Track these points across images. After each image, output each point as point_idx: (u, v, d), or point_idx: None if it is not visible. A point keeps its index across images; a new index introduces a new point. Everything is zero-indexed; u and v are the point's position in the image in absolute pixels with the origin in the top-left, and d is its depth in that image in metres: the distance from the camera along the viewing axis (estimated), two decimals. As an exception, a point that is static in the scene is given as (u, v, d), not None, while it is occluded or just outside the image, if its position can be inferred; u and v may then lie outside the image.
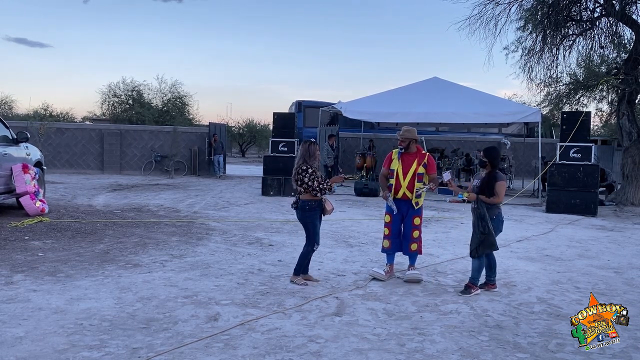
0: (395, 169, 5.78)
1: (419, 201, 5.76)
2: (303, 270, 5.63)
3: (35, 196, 9.23)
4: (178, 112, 29.44)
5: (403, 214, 5.78)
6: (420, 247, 5.87)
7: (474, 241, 5.29)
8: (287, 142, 13.72)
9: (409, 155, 5.78)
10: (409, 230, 5.78)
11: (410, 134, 5.77)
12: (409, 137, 5.76)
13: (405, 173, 5.71)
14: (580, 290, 5.59)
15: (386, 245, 5.88)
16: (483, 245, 5.22)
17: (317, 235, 5.54)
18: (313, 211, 5.49)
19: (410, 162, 5.74)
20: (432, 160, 5.84)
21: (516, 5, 14.24)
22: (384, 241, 5.91)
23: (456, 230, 9.08)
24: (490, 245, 5.24)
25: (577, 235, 8.94)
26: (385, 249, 5.90)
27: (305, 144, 5.56)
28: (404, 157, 5.80)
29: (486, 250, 5.26)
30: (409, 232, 5.79)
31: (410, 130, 5.82)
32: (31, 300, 4.69)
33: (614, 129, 19.88)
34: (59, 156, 19.24)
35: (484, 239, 5.20)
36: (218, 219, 9.48)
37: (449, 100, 14.17)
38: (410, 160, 5.74)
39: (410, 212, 5.76)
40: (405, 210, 5.78)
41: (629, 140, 13.52)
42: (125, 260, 6.26)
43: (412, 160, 5.74)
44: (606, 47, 15.02)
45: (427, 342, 4.05)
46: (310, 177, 5.41)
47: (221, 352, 3.73)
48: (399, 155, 5.83)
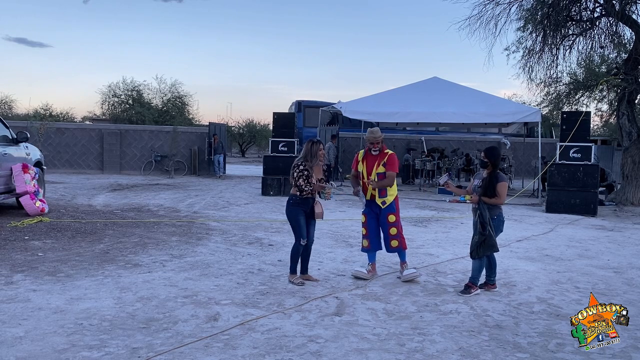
0: (361, 171, 5.89)
1: (386, 200, 5.76)
2: (302, 269, 5.64)
3: (35, 196, 9.23)
4: (178, 112, 29.46)
5: (376, 213, 5.82)
6: (403, 242, 5.85)
7: (474, 242, 5.29)
8: (287, 142, 13.71)
9: (372, 156, 5.84)
10: (385, 228, 5.81)
11: (379, 134, 5.85)
12: (380, 138, 5.83)
13: (369, 174, 5.78)
14: (580, 290, 5.59)
15: (365, 244, 5.93)
16: (484, 246, 5.22)
17: (301, 229, 5.51)
18: (296, 206, 5.51)
19: (372, 162, 5.80)
20: (392, 158, 5.83)
21: (516, 5, 14.25)
22: (363, 241, 5.96)
23: (456, 230, 9.07)
24: (491, 247, 5.23)
25: (577, 235, 8.93)
26: (365, 248, 5.94)
27: (309, 144, 5.59)
28: (367, 159, 5.88)
29: (487, 251, 5.26)
30: (385, 230, 5.81)
31: (377, 130, 5.92)
32: (31, 300, 4.69)
33: (614, 129, 19.90)
34: (58, 156, 19.24)
35: (484, 240, 5.20)
36: (218, 219, 9.48)
37: (449, 100, 14.17)
38: (373, 161, 5.81)
39: (383, 211, 5.78)
40: (378, 210, 5.81)
41: (629, 140, 13.52)
42: (125, 260, 6.26)
43: (374, 160, 5.80)
44: (606, 47, 15.02)
45: (427, 342, 4.04)
46: (299, 173, 5.48)
47: (221, 352, 3.73)
48: (363, 157, 5.92)
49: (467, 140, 21.47)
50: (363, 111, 14.60)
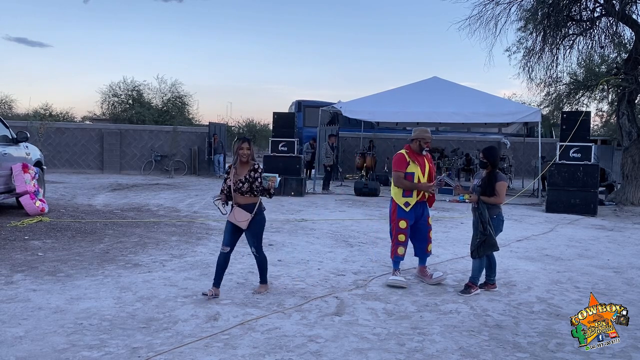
0: (414, 172, 5.55)
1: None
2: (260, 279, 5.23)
3: (35, 196, 9.23)
4: (178, 111, 29.47)
5: (417, 216, 5.63)
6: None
7: (474, 242, 5.29)
8: (287, 142, 13.72)
9: (419, 156, 5.65)
10: (425, 231, 5.65)
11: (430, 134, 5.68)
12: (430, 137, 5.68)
13: (424, 174, 5.58)
14: (580, 290, 5.59)
15: (401, 252, 5.59)
16: (484, 246, 5.22)
17: (224, 235, 5.06)
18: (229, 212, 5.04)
19: (423, 162, 5.62)
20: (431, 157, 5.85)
21: (516, 5, 14.26)
22: (399, 248, 5.58)
23: (456, 230, 9.08)
24: (491, 246, 5.23)
25: (577, 235, 8.94)
26: (401, 256, 5.60)
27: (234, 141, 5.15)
28: (417, 159, 5.63)
29: (487, 251, 5.26)
30: (425, 233, 5.65)
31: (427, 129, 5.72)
32: (31, 300, 4.69)
33: (614, 129, 19.90)
34: (58, 156, 19.24)
35: (484, 240, 5.20)
36: (218, 219, 9.48)
37: (449, 100, 14.16)
38: (422, 161, 5.63)
39: (425, 213, 5.67)
40: (420, 212, 5.65)
41: (629, 140, 13.52)
42: (125, 260, 6.26)
43: (423, 160, 5.65)
44: (606, 47, 15.03)
45: (427, 341, 4.04)
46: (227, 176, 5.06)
47: (221, 352, 3.73)
48: (409, 157, 5.59)
49: (467, 140, 21.47)
50: (363, 111, 14.60)
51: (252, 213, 4.90)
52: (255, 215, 4.92)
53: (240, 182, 4.88)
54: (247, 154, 4.90)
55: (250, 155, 4.92)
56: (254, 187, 4.87)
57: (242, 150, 4.91)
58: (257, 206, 4.94)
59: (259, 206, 4.97)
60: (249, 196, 4.91)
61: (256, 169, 4.87)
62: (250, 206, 4.93)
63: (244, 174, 4.88)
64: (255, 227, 4.97)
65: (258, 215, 4.96)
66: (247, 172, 4.88)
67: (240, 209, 4.93)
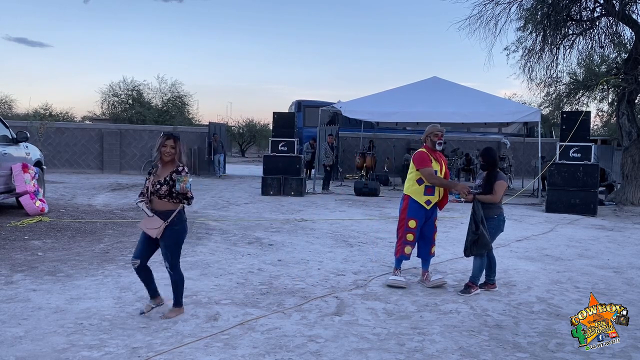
0: (436, 170, 5.40)
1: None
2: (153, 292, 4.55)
3: (35, 196, 9.23)
4: (178, 111, 29.49)
5: (427, 217, 5.49)
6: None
7: (467, 240, 5.30)
8: (287, 141, 13.73)
9: (437, 154, 5.53)
10: (431, 233, 5.54)
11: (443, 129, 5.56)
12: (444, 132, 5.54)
13: (441, 172, 5.48)
14: (580, 290, 5.59)
15: (408, 251, 5.50)
16: (477, 245, 5.21)
17: (137, 245, 4.48)
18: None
19: (440, 161, 5.52)
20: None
21: (516, 5, 14.26)
22: (406, 247, 5.48)
23: (456, 230, 9.08)
24: (484, 246, 5.22)
25: (577, 235, 8.93)
26: (407, 255, 5.52)
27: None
28: (437, 157, 5.50)
29: (480, 250, 5.24)
30: (431, 235, 5.55)
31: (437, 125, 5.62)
32: (31, 300, 4.69)
33: (614, 128, 19.90)
34: (58, 156, 19.24)
35: (477, 239, 5.19)
36: (218, 219, 9.48)
37: (449, 100, 14.16)
38: (440, 159, 5.54)
39: (434, 215, 5.55)
40: (430, 213, 5.51)
41: (629, 140, 13.52)
42: (125, 259, 6.26)
43: (441, 159, 5.56)
44: (606, 47, 15.04)
45: (426, 341, 4.04)
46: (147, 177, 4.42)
47: (221, 352, 3.73)
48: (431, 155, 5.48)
49: (467, 140, 21.47)
50: (363, 111, 14.60)
51: (166, 221, 4.22)
52: (171, 224, 4.23)
53: (159, 183, 4.23)
54: (170, 152, 4.25)
55: (175, 155, 4.27)
56: (173, 191, 4.23)
57: (165, 148, 4.25)
58: (175, 214, 4.25)
59: (178, 214, 4.27)
60: (168, 201, 4.26)
61: (180, 172, 4.19)
62: (167, 213, 4.25)
63: (164, 176, 4.24)
64: (170, 239, 4.26)
65: (176, 225, 4.26)
66: (169, 173, 4.23)
67: (154, 218, 4.26)
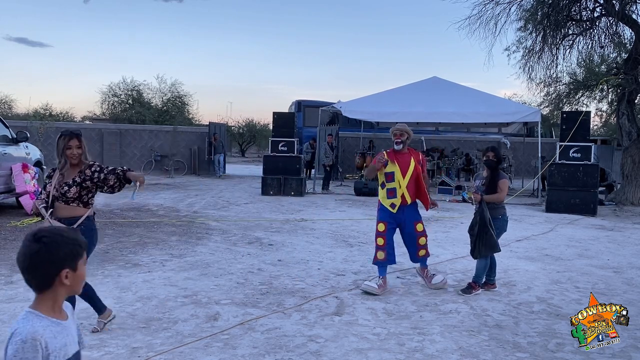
0: (393, 172, 5.25)
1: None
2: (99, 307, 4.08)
3: (35, 196, 9.22)
4: (178, 111, 29.48)
5: (400, 221, 5.30)
6: (428, 250, 5.51)
7: (474, 242, 5.27)
8: (287, 141, 13.73)
9: (403, 155, 5.31)
10: (413, 239, 5.33)
11: (406, 128, 5.35)
12: (406, 131, 5.31)
13: (404, 174, 5.23)
14: (580, 290, 5.58)
15: (381, 257, 5.26)
16: (485, 246, 5.19)
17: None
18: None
19: (407, 161, 5.28)
20: (424, 158, 5.52)
21: (516, 5, 14.26)
22: (378, 252, 5.28)
23: (456, 230, 9.07)
24: (492, 247, 5.21)
25: (577, 235, 8.93)
26: (380, 260, 5.27)
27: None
28: (398, 157, 5.28)
29: (487, 252, 5.22)
30: (414, 240, 5.34)
31: (405, 125, 5.41)
32: (31, 300, 4.68)
33: (614, 128, 19.90)
34: (58, 156, 19.23)
35: (485, 241, 5.18)
36: (218, 219, 9.48)
37: (449, 100, 14.17)
38: (407, 160, 5.28)
39: (410, 219, 5.30)
40: (403, 218, 5.29)
41: (629, 139, 13.52)
42: (125, 259, 6.26)
43: (409, 159, 5.29)
44: (606, 47, 15.03)
45: (426, 341, 4.04)
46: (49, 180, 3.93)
47: (221, 352, 3.73)
48: (389, 156, 5.30)
49: (467, 140, 21.47)
50: (363, 111, 14.60)
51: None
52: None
53: (67, 185, 3.76)
54: (77, 153, 3.82)
55: (82, 155, 3.85)
56: (82, 194, 3.79)
57: (71, 150, 3.79)
58: (82, 219, 3.79)
59: (86, 220, 3.82)
60: (76, 205, 3.80)
61: (91, 165, 3.84)
62: (74, 220, 3.76)
63: (72, 176, 3.81)
64: None
65: (83, 233, 3.50)
66: (78, 173, 3.81)
67: (56, 223, 3.68)
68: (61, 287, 1.68)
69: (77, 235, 1.74)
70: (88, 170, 3.83)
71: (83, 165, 3.85)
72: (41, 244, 1.63)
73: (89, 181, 3.82)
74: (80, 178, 3.79)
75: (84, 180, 3.80)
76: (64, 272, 1.65)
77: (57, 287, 1.68)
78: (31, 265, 1.65)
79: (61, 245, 1.65)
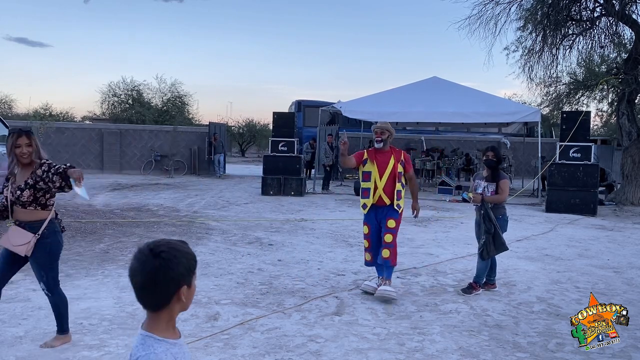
0: (370, 171, 5.10)
1: (400, 204, 5.10)
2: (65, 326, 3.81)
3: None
4: (178, 111, 29.46)
5: (379, 221, 5.15)
6: (395, 256, 5.05)
7: (482, 243, 5.22)
8: (287, 141, 13.73)
9: (383, 153, 5.14)
10: (382, 233, 5.10)
11: (388, 126, 5.18)
12: (387, 129, 5.14)
13: (382, 174, 5.05)
14: (580, 289, 5.59)
15: (368, 258, 5.29)
16: (494, 246, 5.18)
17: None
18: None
19: (386, 160, 5.10)
20: (408, 156, 5.30)
21: (516, 5, 14.26)
22: (366, 254, 5.31)
23: (456, 230, 9.07)
24: (501, 246, 5.19)
25: (577, 235, 8.93)
26: (368, 262, 5.32)
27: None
28: (377, 156, 5.13)
29: (497, 251, 5.19)
30: (381, 235, 5.10)
31: (387, 123, 5.24)
32: (31, 300, 4.69)
33: (614, 128, 19.90)
34: (58, 156, 19.21)
35: (493, 240, 5.17)
36: (218, 219, 9.48)
37: (449, 100, 14.17)
38: (386, 159, 5.11)
39: (385, 217, 5.08)
40: (379, 218, 5.13)
41: (629, 139, 13.52)
42: (125, 259, 6.26)
43: (388, 158, 5.11)
44: (606, 47, 15.03)
45: (426, 341, 4.04)
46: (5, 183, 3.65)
47: (221, 352, 3.73)
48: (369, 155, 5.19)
49: (467, 140, 21.47)
50: (363, 111, 14.60)
51: (36, 234, 3.49)
52: (42, 237, 3.51)
53: (20, 189, 3.49)
54: (28, 151, 3.54)
55: (33, 154, 3.56)
56: (38, 196, 3.52)
57: (20, 149, 3.51)
58: (45, 224, 3.54)
59: (49, 224, 3.57)
60: (34, 209, 3.54)
61: (42, 164, 3.54)
62: (36, 224, 3.52)
63: (25, 178, 3.53)
64: (41, 255, 3.51)
65: (48, 237, 3.54)
66: (30, 174, 3.53)
67: (18, 229, 3.50)
68: (177, 304, 1.57)
69: (189, 248, 1.67)
70: (39, 170, 3.52)
71: (35, 165, 3.56)
72: (160, 260, 1.51)
73: (41, 182, 3.51)
74: (33, 180, 3.50)
75: (37, 181, 3.50)
76: (182, 289, 1.56)
77: (174, 305, 1.56)
78: (150, 283, 1.51)
79: (180, 260, 1.56)
